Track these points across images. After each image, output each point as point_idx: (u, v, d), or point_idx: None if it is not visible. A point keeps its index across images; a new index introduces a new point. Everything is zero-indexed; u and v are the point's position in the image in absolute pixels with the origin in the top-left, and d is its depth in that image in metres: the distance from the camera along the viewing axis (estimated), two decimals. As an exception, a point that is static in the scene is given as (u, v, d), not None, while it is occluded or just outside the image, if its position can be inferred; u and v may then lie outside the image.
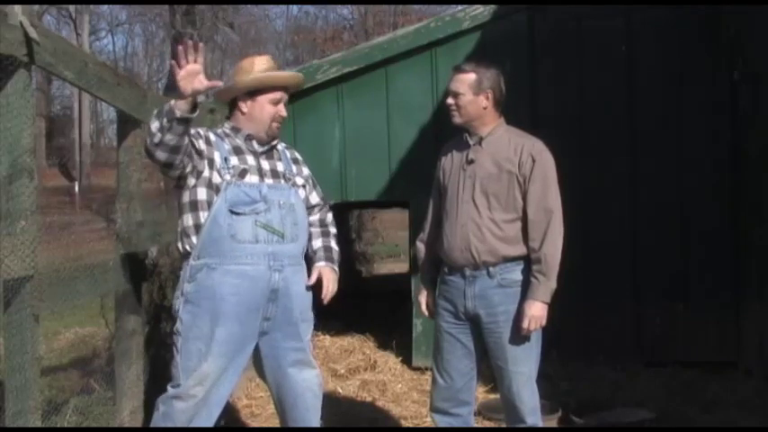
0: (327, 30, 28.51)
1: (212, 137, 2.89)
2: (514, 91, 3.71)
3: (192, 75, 2.54)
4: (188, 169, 2.77)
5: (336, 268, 3.05)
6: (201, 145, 2.81)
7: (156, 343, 3.72)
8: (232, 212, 2.76)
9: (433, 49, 5.37)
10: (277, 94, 2.92)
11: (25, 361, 2.52)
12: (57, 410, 3.39)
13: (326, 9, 30.90)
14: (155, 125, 2.60)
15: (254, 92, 2.91)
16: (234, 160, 2.85)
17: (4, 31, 2.37)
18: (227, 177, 2.80)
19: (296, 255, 2.89)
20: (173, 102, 2.57)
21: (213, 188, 2.80)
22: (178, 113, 2.55)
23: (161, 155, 2.64)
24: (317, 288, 2.97)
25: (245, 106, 2.93)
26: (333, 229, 3.16)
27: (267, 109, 2.91)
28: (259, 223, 2.78)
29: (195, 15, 24.73)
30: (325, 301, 2.96)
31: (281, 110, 2.94)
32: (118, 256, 3.35)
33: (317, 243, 3.07)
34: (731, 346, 5.08)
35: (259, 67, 2.92)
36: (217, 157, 2.83)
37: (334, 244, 3.11)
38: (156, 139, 2.60)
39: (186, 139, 2.66)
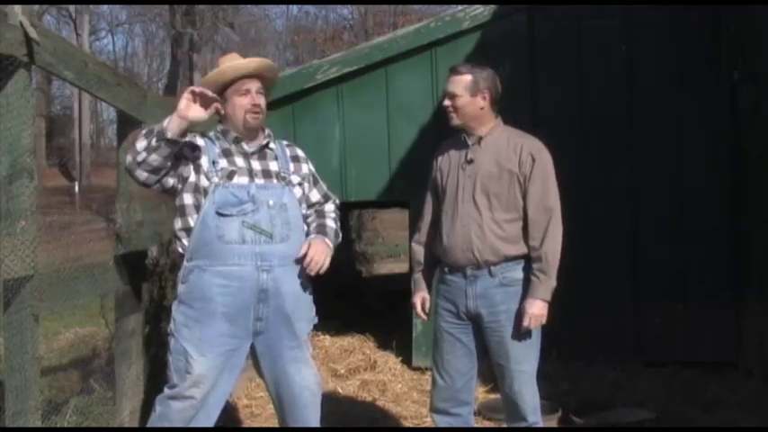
0: (327, 30, 28.54)
1: (201, 141, 2.90)
2: (514, 91, 3.72)
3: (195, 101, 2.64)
4: (168, 186, 2.81)
5: (328, 241, 2.94)
6: (186, 152, 2.83)
7: (156, 343, 3.72)
8: (219, 214, 2.77)
9: (433, 50, 5.37)
10: (242, 84, 2.88)
11: (25, 361, 2.52)
12: (57, 410, 3.38)
13: (326, 9, 30.94)
14: (141, 144, 2.67)
15: (222, 90, 2.88)
16: (223, 162, 2.86)
17: (4, 31, 2.37)
18: (215, 180, 2.81)
19: (287, 255, 2.86)
20: (165, 123, 2.65)
21: (200, 192, 2.81)
22: (169, 135, 2.63)
23: (141, 174, 2.71)
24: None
25: (222, 109, 2.91)
26: (332, 214, 3.09)
27: (237, 102, 2.89)
28: (246, 224, 2.79)
29: (195, 15, 24.77)
30: (310, 271, 2.83)
31: (254, 99, 2.89)
32: (118, 256, 3.35)
33: (312, 226, 3.02)
34: (731, 346, 5.08)
35: (222, 63, 2.91)
36: (204, 161, 2.84)
37: (329, 222, 3.04)
38: (140, 158, 2.68)
39: (169, 162, 2.72)
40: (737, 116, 5.12)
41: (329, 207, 3.13)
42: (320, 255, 2.86)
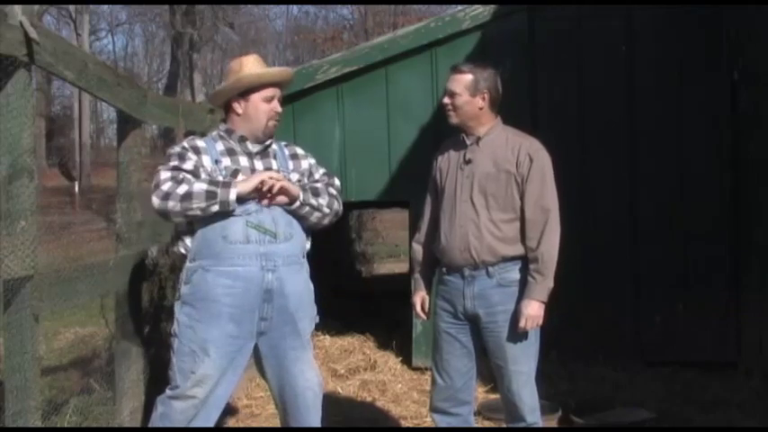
0: (327, 30, 28.55)
1: (201, 143, 2.91)
2: (514, 91, 3.71)
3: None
4: None
5: (300, 191, 2.85)
6: (189, 155, 2.85)
7: (156, 343, 3.72)
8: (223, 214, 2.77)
9: (433, 49, 5.37)
10: (269, 92, 2.92)
11: (25, 361, 2.52)
12: (57, 410, 3.38)
13: (326, 9, 30.97)
14: (200, 204, 2.70)
15: (245, 92, 2.90)
16: (226, 161, 2.87)
17: (4, 31, 2.37)
18: (219, 179, 2.81)
19: (291, 254, 2.87)
20: (232, 196, 2.70)
21: None
22: (232, 206, 2.73)
23: (177, 219, 2.79)
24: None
25: (239, 107, 2.93)
26: (332, 190, 2.99)
27: (261, 107, 2.91)
28: (250, 224, 2.79)
29: (195, 15, 24.76)
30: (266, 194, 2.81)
31: (276, 106, 2.94)
32: (118, 256, 3.35)
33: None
34: (731, 346, 5.08)
35: (247, 66, 2.92)
36: (206, 161, 2.85)
37: (320, 187, 2.95)
38: (192, 213, 2.73)
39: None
40: (737, 116, 5.12)
41: (335, 181, 3.06)
42: (284, 182, 2.82)
